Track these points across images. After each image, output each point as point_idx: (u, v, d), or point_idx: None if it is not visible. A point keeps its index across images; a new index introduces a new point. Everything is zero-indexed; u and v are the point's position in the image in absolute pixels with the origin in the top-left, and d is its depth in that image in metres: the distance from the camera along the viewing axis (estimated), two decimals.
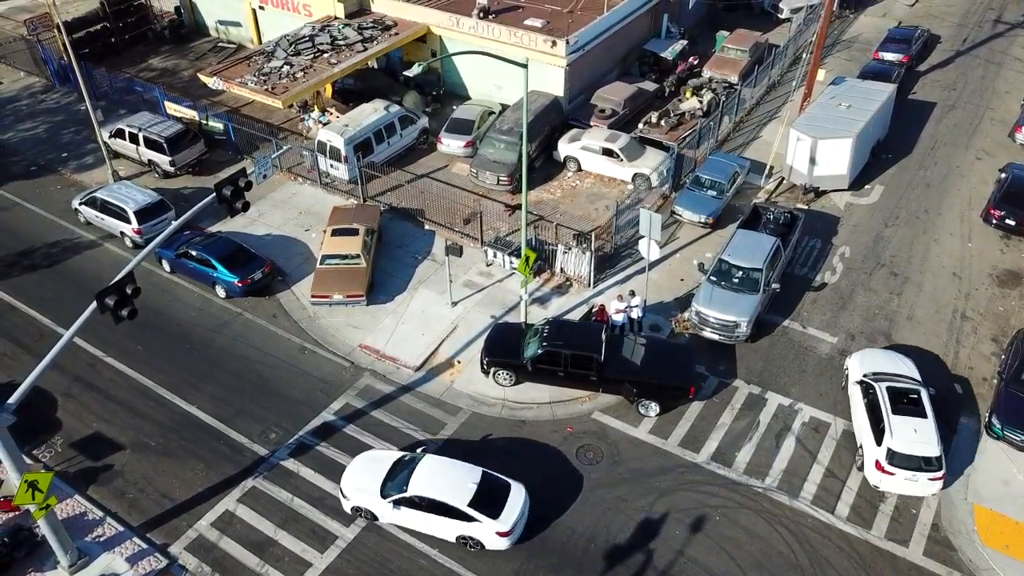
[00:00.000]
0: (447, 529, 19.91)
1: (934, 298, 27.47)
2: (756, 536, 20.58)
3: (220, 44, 44.79)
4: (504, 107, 36.32)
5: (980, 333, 26.16)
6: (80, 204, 31.26)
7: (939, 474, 20.54)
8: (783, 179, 32.79)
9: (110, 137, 34.39)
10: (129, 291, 17.60)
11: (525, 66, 21.41)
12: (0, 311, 27.81)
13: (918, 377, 22.71)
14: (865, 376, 22.86)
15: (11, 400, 17.19)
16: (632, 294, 25.68)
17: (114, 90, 39.09)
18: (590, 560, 20.09)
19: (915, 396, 21.84)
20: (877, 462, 20.88)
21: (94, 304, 17.29)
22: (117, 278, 17.44)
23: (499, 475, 20.65)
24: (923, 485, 20.74)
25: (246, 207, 19.66)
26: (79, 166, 35.20)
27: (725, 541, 20.47)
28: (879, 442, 21.05)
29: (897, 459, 20.63)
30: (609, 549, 20.31)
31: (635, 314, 25.69)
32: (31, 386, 17.21)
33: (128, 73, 41.30)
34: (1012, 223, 29.69)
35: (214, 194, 19.20)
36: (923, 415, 21.33)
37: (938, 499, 21.29)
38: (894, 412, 21.41)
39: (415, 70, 19.65)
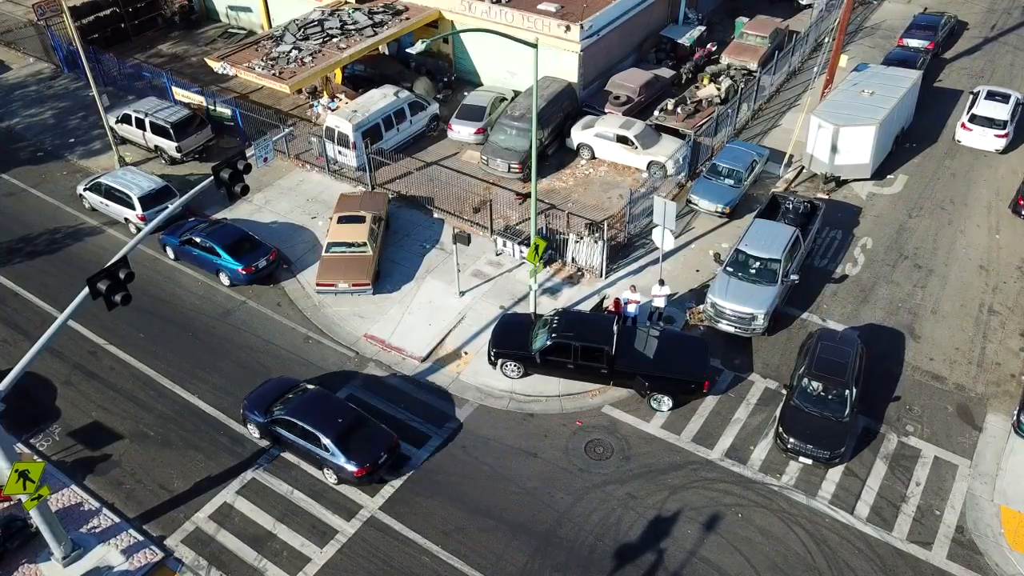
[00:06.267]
0: None
1: (960, 291, 26.47)
2: (772, 536, 19.80)
3: (230, 30, 44.28)
4: (517, 94, 35.54)
5: (1008, 328, 25.16)
6: (85, 190, 30.84)
7: (1003, 132, 31.70)
8: (803, 168, 31.83)
9: (116, 123, 33.94)
10: (122, 276, 17.03)
11: (535, 46, 20.65)
12: (2, 297, 27.44)
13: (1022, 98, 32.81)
14: (979, 89, 33.78)
15: (0, 388, 16.69)
16: (661, 283, 24.85)
17: (123, 76, 38.64)
18: (598, 559, 19.39)
19: (1003, 98, 32.66)
20: (963, 123, 32.70)
21: (86, 290, 16.75)
22: (110, 263, 16.89)
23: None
24: (990, 140, 32.16)
25: (245, 191, 19.07)
26: (86, 152, 34.78)
27: (739, 541, 19.71)
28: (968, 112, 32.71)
29: (976, 120, 32.30)
30: (618, 548, 19.61)
31: (659, 303, 24.94)
32: (20, 374, 16.72)
33: (137, 59, 40.87)
34: None
35: (211, 177, 18.65)
36: (1005, 102, 32.49)
37: (963, 500, 20.43)
38: (985, 98, 32.90)
39: (418, 47, 18.98)
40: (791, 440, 21.01)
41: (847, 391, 21.51)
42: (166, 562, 19.55)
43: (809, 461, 20.97)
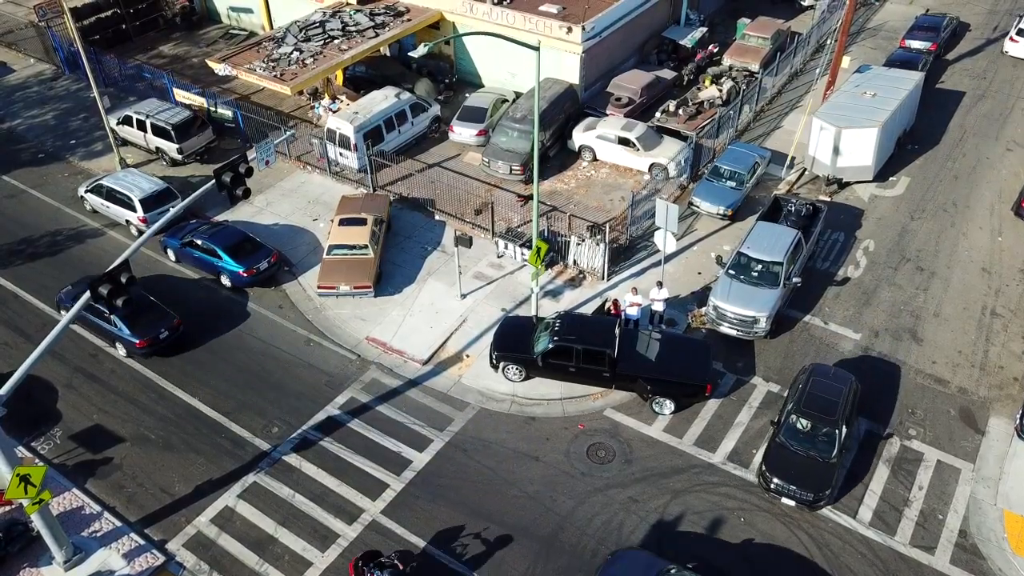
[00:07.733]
0: None
1: (962, 294, 26.42)
2: (774, 540, 19.75)
3: (232, 31, 44.23)
4: (518, 95, 35.51)
5: (1011, 331, 25.10)
6: (86, 192, 30.80)
7: None
8: (805, 170, 31.77)
9: (118, 124, 33.89)
10: (124, 279, 17.00)
11: (537, 48, 20.60)
12: (3, 299, 27.41)
13: None
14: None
15: (1, 392, 16.65)
16: (660, 285, 24.81)
17: (124, 77, 38.62)
18: (601, 562, 19.34)
19: None
20: (1011, 36, 38.66)
21: (87, 293, 16.72)
22: (111, 266, 16.86)
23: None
24: None
25: (247, 193, 19.08)
26: (87, 153, 34.74)
27: (741, 545, 19.65)
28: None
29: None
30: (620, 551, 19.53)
31: (658, 307, 24.89)
32: (22, 377, 16.67)
33: (138, 60, 40.84)
34: None
35: (213, 180, 18.62)
36: None
37: (966, 504, 20.38)
38: None
39: (420, 51, 18.93)
40: (774, 480, 20.04)
41: (836, 431, 20.42)
42: (167, 566, 19.49)
43: (792, 503, 20.11)
